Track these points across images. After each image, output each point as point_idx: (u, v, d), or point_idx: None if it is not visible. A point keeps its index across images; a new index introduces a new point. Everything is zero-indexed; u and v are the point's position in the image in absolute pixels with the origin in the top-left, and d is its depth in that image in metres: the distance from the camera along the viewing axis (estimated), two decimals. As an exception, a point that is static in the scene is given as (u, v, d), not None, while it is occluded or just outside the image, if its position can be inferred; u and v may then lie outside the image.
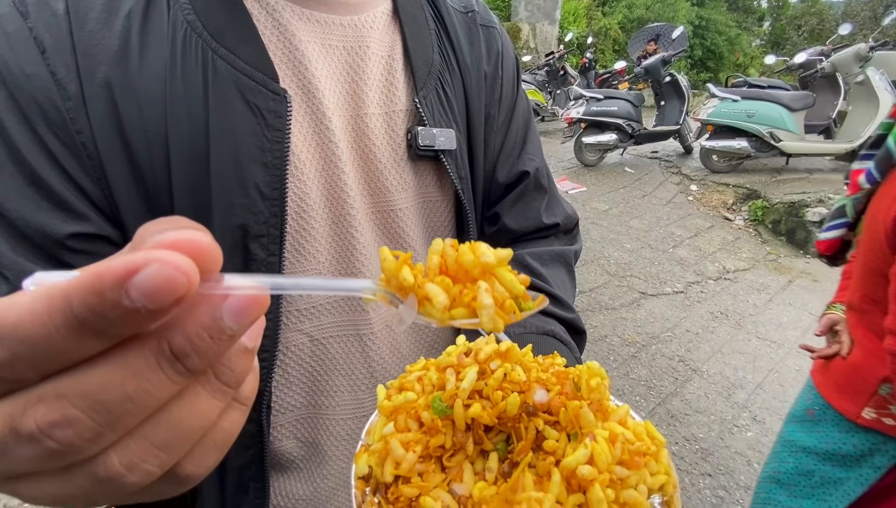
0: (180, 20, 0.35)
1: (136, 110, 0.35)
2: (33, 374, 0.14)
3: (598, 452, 0.24)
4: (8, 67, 0.32)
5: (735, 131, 4.90)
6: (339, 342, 0.45)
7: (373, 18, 0.44)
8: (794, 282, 3.46)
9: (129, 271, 0.13)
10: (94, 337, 0.13)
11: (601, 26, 12.67)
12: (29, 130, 0.33)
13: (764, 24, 23.36)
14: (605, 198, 4.87)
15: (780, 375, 2.40)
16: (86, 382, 0.14)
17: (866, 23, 19.82)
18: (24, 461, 0.14)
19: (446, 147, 0.46)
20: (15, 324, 0.13)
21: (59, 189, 0.34)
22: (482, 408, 0.26)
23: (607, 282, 3.24)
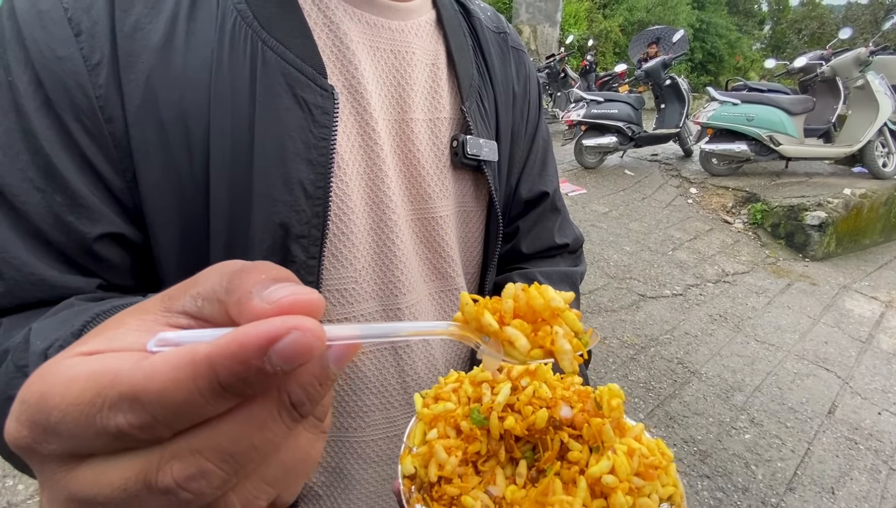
0: (230, 8, 0.34)
1: (177, 98, 0.33)
2: (168, 432, 0.14)
3: (619, 464, 0.27)
4: (37, 48, 0.31)
5: (735, 135, 4.92)
6: (372, 357, 0.43)
7: (418, 26, 0.44)
8: (792, 285, 3.47)
9: (272, 339, 0.13)
10: (232, 398, 0.14)
11: (602, 29, 12.70)
12: (52, 116, 0.31)
13: (764, 28, 23.42)
14: (604, 200, 4.88)
15: (778, 378, 2.41)
16: (218, 437, 0.14)
17: (867, 27, 19.85)
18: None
19: (489, 158, 0.46)
20: (160, 391, 0.13)
21: (75, 185, 0.32)
22: (515, 421, 0.29)
23: (607, 284, 3.25)
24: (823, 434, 2.04)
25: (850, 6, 22.72)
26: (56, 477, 0.15)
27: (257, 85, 0.34)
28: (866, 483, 1.82)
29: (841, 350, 2.68)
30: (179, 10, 0.34)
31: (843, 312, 3.13)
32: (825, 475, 1.84)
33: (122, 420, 0.14)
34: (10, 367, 0.28)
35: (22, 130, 0.31)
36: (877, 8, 20.93)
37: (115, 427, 0.14)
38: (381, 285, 0.43)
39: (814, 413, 2.17)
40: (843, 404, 2.25)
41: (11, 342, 0.29)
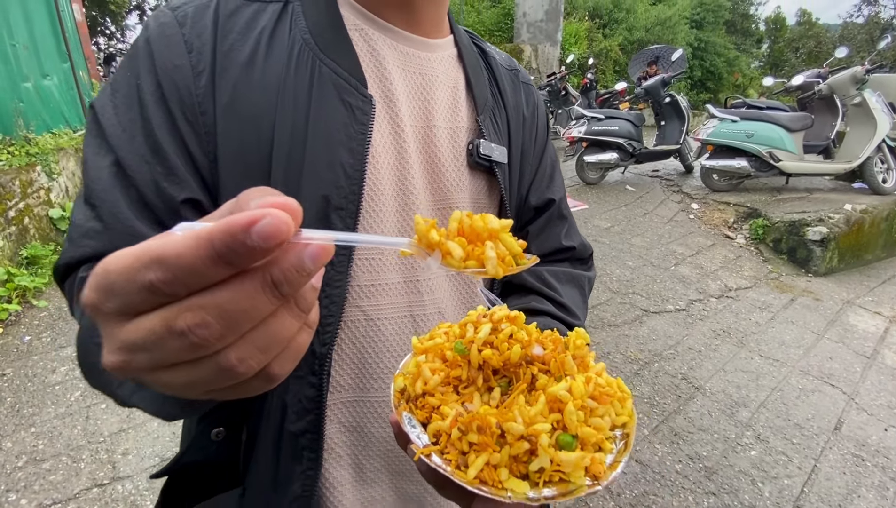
0: (298, 38, 0.45)
1: (254, 100, 0.43)
2: (183, 291, 0.19)
3: (576, 387, 0.32)
4: (161, 59, 0.42)
5: (735, 151, 4.97)
6: (393, 323, 0.49)
7: (442, 57, 0.54)
8: (795, 300, 3.47)
9: (252, 221, 0.18)
10: (225, 267, 0.19)
11: (602, 48, 12.91)
12: (164, 108, 0.42)
13: (762, 47, 23.75)
14: (606, 216, 4.92)
15: (783, 394, 2.40)
16: (217, 298, 0.19)
17: (863, 45, 20.13)
18: (173, 351, 0.20)
19: (500, 160, 0.54)
20: (177, 254, 0.18)
21: (173, 162, 0.42)
22: (492, 353, 0.34)
23: (609, 299, 3.26)
24: (830, 451, 2.03)
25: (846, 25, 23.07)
26: (113, 331, 0.20)
27: (313, 91, 0.44)
28: (874, 500, 1.80)
29: (846, 366, 2.67)
30: (262, 38, 0.45)
31: (846, 327, 3.13)
32: (832, 492, 1.83)
33: (152, 276, 0.18)
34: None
35: (141, 118, 0.42)
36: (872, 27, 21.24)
37: (147, 282, 0.18)
38: (403, 259, 0.50)
39: (820, 430, 2.15)
40: (849, 420, 2.23)
41: None
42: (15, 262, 2.82)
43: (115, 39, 19.02)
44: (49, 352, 2.34)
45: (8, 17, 3.41)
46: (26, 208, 3.00)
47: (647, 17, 13.96)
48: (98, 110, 0.43)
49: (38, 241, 3.04)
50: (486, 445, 0.30)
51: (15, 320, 2.56)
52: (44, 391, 2.08)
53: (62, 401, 2.03)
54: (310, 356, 0.45)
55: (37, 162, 3.20)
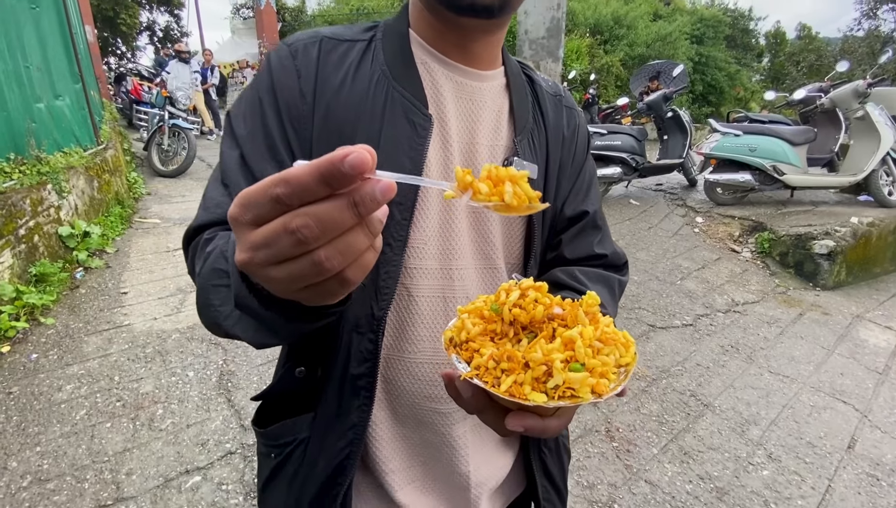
0: (377, 69, 0.58)
1: (342, 115, 0.55)
2: (297, 202, 0.26)
3: (585, 331, 0.39)
4: (279, 81, 0.56)
5: (738, 165, 4.97)
6: (428, 301, 0.60)
7: (491, 86, 0.64)
8: (804, 315, 3.43)
9: (346, 154, 0.25)
10: (326, 187, 0.26)
11: (603, 64, 13.04)
12: (278, 117, 0.55)
13: (763, 61, 23.92)
14: (611, 230, 4.91)
15: (794, 411, 2.36)
16: (317, 209, 0.26)
17: (864, 58, 20.23)
18: (284, 247, 0.27)
19: (531, 175, 0.61)
20: (296, 176, 0.26)
21: (282, 156, 0.55)
22: (520, 311, 0.42)
23: (616, 314, 3.24)
24: (844, 470, 1.99)
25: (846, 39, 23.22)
26: (246, 236, 0.28)
27: (386, 110, 0.56)
28: (892, 522, 1.76)
29: (857, 382, 2.63)
30: (350, 69, 0.57)
31: (857, 342, 3.09)
32: (848, 513, 1.78)
33: (279, 190, 0.26)
34: (217, 251, 0.47)
35: (262, 123, 0.55)
36: (873, 40, 21.38)
37: (275, 194, 0.26)
38: (442, 249, 0.60)
39: (833, 448, 2.11)
40: (863, 438, 2.19)
41: (222, 241, 0.49)
42: (24, 279, 2.84)
43: (126, 59, 19.43)
44: (55, 370, 2.34)
45: (22, 40, 3.50)
46: (36, 226, 3.04)
47: (648, 33, 14.12)
48: (232, 117, 0.58)
49: (46, 258, 3.07)
50: (513, 368, 0.38)
51: (22, 337, 2.57)
52: (49, 410, 2.08)
53: (67, 420, 2.03)
54: (370, 317, 0.57)
55: (48, 180, 3.25)
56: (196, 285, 0.50)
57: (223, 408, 2.16)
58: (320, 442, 0.60)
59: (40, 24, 3.80)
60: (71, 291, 3.09)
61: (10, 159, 3.17)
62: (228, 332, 0.46)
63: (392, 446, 0.63)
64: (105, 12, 17.74)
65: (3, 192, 2.87)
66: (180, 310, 2.98)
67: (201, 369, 2.43)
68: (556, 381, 0.36)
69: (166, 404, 2.17)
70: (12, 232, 2.79)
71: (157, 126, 6.01)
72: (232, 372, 2.42)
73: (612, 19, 14.01)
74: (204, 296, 0.47)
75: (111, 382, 2.29)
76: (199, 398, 2.22)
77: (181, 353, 2.55)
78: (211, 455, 1.89)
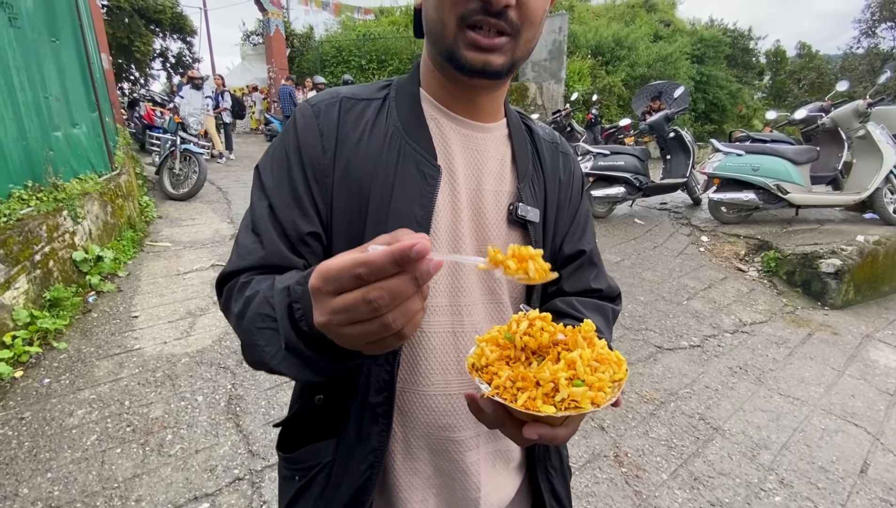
0: (391, 125, 0.63)
1: (359, 168, 0.61)
2: (373, 279, 0.34)
3: (584, 353, 0.47)
4: (304, 139, 0.62)
5: (742, 184, 4.99)
6: (438, 337, 0.64)
7: (494, 137, 0.69)
8: (813, 335, 3.41)
9: (414, 243, 0.33)
10: (396, 267, 0.34)
11: (605, 84, 13.23)
12: (303, 171, 0.61)
13: (764, 79, 24.13)
14: (616, 250, 4.93)
15: (805, 434, 2.33)
16: (390, 284, 0.34)
17: (865, 76, 20.37)
18: (362, 312, 0.35)
19: (533, 219, 0.68)
20: (374, 260, 0.34)
21: (307, 207, 0.60)
22: (529, 338, 0.49)
23: (622, 335, 3.23)
24: (857, 496, 1.96)
25: (846, 57, 23.44)
26: (325, 303, 0.37)
27: (399, 163, 0.61)
28: (909, 551, 1.72)
29: (869, 404, 2.60)
30: (367, 126, 0.63)
31: (867, 363, 3.06)
32: (864, 542, 1.75)
33: (360, 270, 0.34)
34: (261, 297, 0.52)
35: (288, 177, 0.61)
36: (873, 58, 21.55)
37: (357, 274, 0.34)
38: (451, 286, 0.64)
39: (845, 473, 2.08)
40: (876, 462, 2.16)
41: (261, 286, 0.54)
42: (38, 304, 2.90)
43: (139, 85, 19.98)
44: (67, 395, 2.37)
45: (43, 72, 3.64)
46: (51, 252, 3.11)
47: (649, 53, 14.35)
48: (261, 170, 0.63)
49: (60, 283, 3.13)
50: (527, 387, 0.45)
51: (35, 362, 2.61)
52: (61, 435, 2.10)
53: (78, 445, 2.05)
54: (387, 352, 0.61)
55: (63, 207, 3.33)
56: (236, 325, 0.56)
57: (231, 433, 2.17)
58: (344, 465, 0.64)
59: (60, 56, 3.96)
60: (83, 315, 3.14)
61: (27, 187, 3.27)
62: (273, 369, 0.52)
63: (407, 474, 0.66)
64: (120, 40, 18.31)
65: (20, 219, 2.96)
66: (190, 334, 3.02)
67: (210, 393, 2.45)
68: (562, 395, 0.43)
69: (175, 429, 2.18)
70: (28, 258, 2.86)
71: (170, 151, 6.16)
72: (240, 396, 2.43)
73: (613, 41, 14.27)
74: (249, 337, 0.53)
75: (122, 407, 2.31)
76: (208, 422, 2.23)
77: (190, 377, 2.58)
78: (219, 482, 1.89)
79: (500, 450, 0.70)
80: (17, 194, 3.15)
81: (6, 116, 3.12)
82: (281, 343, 0.48)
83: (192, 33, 22.54)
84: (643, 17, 17.49)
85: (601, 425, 2.34)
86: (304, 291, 0.45)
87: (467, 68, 0.57)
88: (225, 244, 4.62)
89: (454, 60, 0.57)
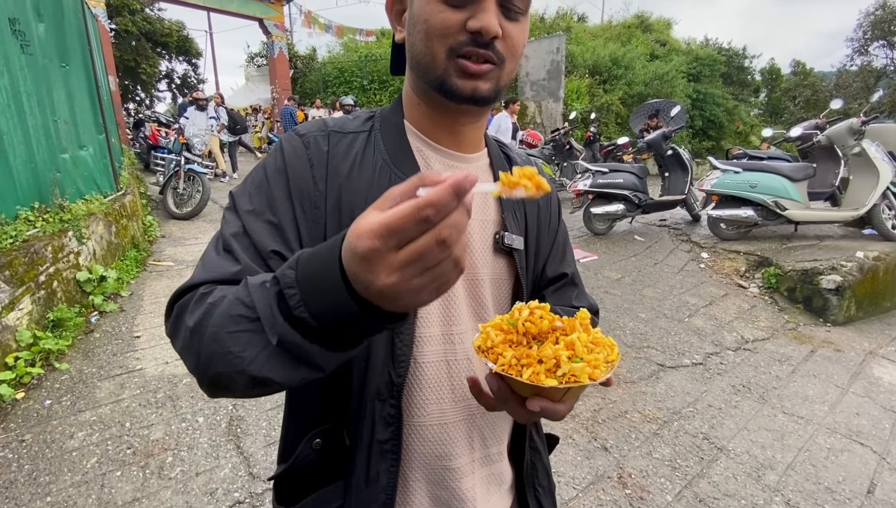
0: (379, 158, 0.65)
1: (351, 200, 0.62)
2: (438, 218, 0.34)
3: (581, 336, 0.51)
4: (292, 168, 0.62)
5: (741, 200, 5.03)
6: (432, 366, 0.65)
7: (477, 167, 0.72)
8: (816, 352, 3.39)
9: (465, 174, 0.35)
10: (456, 200, 0.34)
11: (603, 102, 13.42)
12: (288, 198, 0.61)
13: (760, 96, 24.44)
14: (616, 266, 4.94)
15: (811, 454, 2.31)
16: (452, 218, 0.35)
17: (859, 92, 20.63)
18: (435, 253, 0.35)
19: (518, 247, 0.71)
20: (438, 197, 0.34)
21: (285, 231, 0.60)
22: (531, 324, 0.53)
23: (624, 353, 3.23)
24: (866, 518, 1.93)
25: (840, 74, 23.78)
26: (390, 260, 0.35)
27: None
28: (920, 575, 1.69)
29: (874, 423, 2.58)
30: (356, 158, 0.65)
31: (871, 380, 3.04)
32: (873, 565, 1.72)
33: (428, 212, 0.34)
34: (230, 299, 0.48)
35: (268, 201, 0.60)
36: (866, 75, 21.86)
37: (425, 216, 0.34)
38: (444, 316, 0.65)
39: (852, 494, 2.06)
40: (882, 482, 2.13)
41: (227, 291, 0.50)
42: (41, 325, 2.91)
43: (144, 105, 20.30)
44: (68, 416, 2.37)
45: (52, 96, 3.72)
46: (56, 273, 3.14)
47: (646, 72, 14.58)
48: (236, 195, 0.63)
49: (64, 303, 3.15)
50: (531, 363, 0.49)
51: (37, 383, 2.61)
52: (61, 458, 2.09)
53: (78, 468, 2.04)
54: (389, 384, 0.61)
55: (69, 228, 3.37)
56: (189, 340, 0.49)
57: (232, 455, 2.16)
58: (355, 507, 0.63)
59: (69, 80, 4.06)
60: (85, 335, 3.15)
61: (34, 208, 3.31)
62: (254, 376, 0.45)
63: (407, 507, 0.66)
64: (127, 62, 18.68)
65: (26, 240, 2.99)
66: (191, 353, 3.02)
67: (211, 414, 2.44)
68: (564, 370, 0.48)
69: (176, 451, 2.17)
70: (33, 279, 2.89)
71: (174, 171, 6.24)
72: (241, 417, 2.42)
73: (610, 60, 14.53)
74: (216, 346, 0.46)
75: (122, 429, 2.30)
76: (209, 444, 2.22)
77: (191, 398, 2.57)
78: (220, 505, 1.88)
79: (493, 473, 0.72)
80: (24, 215, 3.19)
81: (16, 140, 3.19)
82: (268, 341, 0.43)
83: (198, 55, 22.99)
84: (639, 38, 17.83)
85: (604, 445, 2.32)
86: (297, 275, 0.42)
87: (457, 95, 0.59)
88: (227, 263, 4.65)
89: (444, 89, 0.59)
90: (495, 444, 0.71)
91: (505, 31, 0.57)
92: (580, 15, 21.18)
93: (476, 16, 0.55)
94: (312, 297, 0.41)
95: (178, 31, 20.94)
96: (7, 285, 2.68)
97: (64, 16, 4.04)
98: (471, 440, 0.68)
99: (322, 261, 0.41)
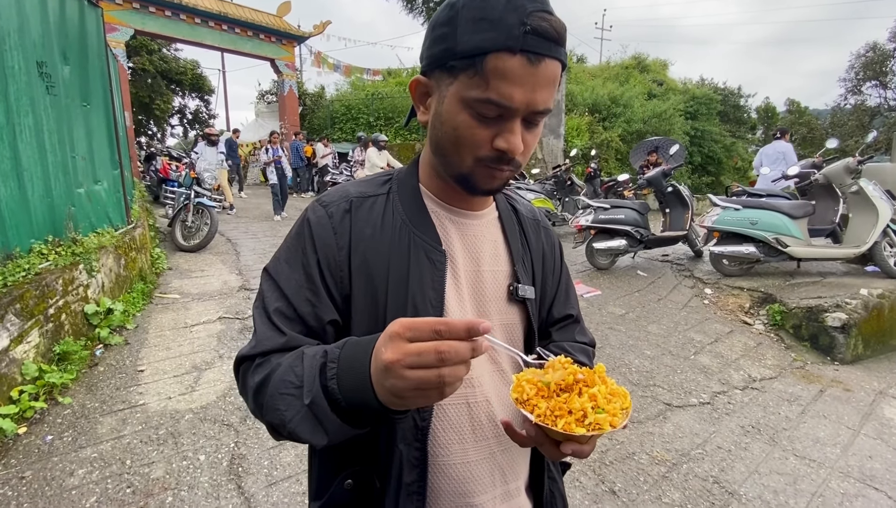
0: (398, 219, 0.71)
1: (374, 260, 0.68)
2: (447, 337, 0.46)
3: (601, 389, 0.58)
4: (319, 239, 0.68)
5: (742, 237, 5.07)
6: (454, 408, 0.70)
7: (487, 222, 0.78)
8: (825, 392, 3.35)
9: (481, 321, 0.46)
10: (466, 335, 0.46)
11: (603, 139, 13.74)
12: (318, 266, 0.67)
13: (757, 133, 24.93)
14: (620, 302, 4.94)
15: (824, 500, 2.25)
16: (457, 345, 0.45)
17: (854, 131, 21.06)
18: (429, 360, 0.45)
19: (530, 296, 0.78)
20: (454, 324, 0.46)
21: (323, 297, 0.67)
22: (559, 380, 0.60)
23: (631, 392, 3.17)
24: (886, 570, 1.86)
25: (834, 112, 24.34)
26: (401, 346, 0.46)
27: (410, 253, 0.69)
28: None
29: (888, 466, 2.52)
30: (377, 221, 0.70)
31: (883, 421, 2.98)
32: None
33: (441, 328, 0.46)
34: (285, 366, 0.60)
35: (304, 270, 0.68)
36: (860, 114, 22.36)
37: (437, 329, 0.45)
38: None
39: (871, 544, 1.99)
40: (902, 532, 2.07)
41: (283, 359, 0.61)
42: (47, 358, 2.92)
43: (156, 139, 20.86)
44: (69, 453, 2.34)
45: (72, 133, 3.86)
46: (65, 305, 3.17)
47: (644, 110, 15.00)
48: (271, 270, 0.70)
49: (70, 336, 3.17)
50: (563, 414, 0.57)
51: (39, 418, 2.60)
52: (60, 497, 2.06)
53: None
54: (415, 429, 0.66)
55: (80, 261, 3.43)
56: (255, 395, 0.62)
57: (233, 496, 2.12)
58: None
59: (89, 119, 4.22)
60: (90, 368, 3.15)
61: (47, 241, 3.38)
62: (292, 432, 0.57)
63: None
64: (142, 98, 19.34)
65: (38, 273, 3.04)
66: (195, 388, 3.01)
67: (213, 452, 2.41)
68: (590, 419, 0.56)
69: (176, 490, 2.14)
70: (42, 312, 2.92)
71: (183, 204, 6.37)
72: (243, 455, 2.39)
73: (609, 99, 14.97)
74: (272, 402, 0.59)
75: (123, 466, 2.27)
76: (210, 484, 2.19)
77: (193, 434, 2.55)
78: (219, 549, 1.83)
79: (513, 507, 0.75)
80: (38, 248, 3.26)
81: (35, 175, 3.29)
82: (303, 401, 0.54)
83: (210, 92, 23.79)
84: (637, 77, 18.43)
85: (612, 489, 2.27)
86: (340, 353, 0.54)
87: (477, 191, 0.68)
88: (232, 296, 4.67)
89: (466, 184, 0.67)
90: (514, 480, 0.74)
91: (525, 143, 0.62)
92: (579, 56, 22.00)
93: (503, 136, 0.61)
94: (346, 374, 0.52)
95: (193, 69, 21.78)
96: (17, 317, 2.71)
97: (88, 59, 4.25)
98: (492, 477, 0.71)
99: (362, 348, 0.53)
